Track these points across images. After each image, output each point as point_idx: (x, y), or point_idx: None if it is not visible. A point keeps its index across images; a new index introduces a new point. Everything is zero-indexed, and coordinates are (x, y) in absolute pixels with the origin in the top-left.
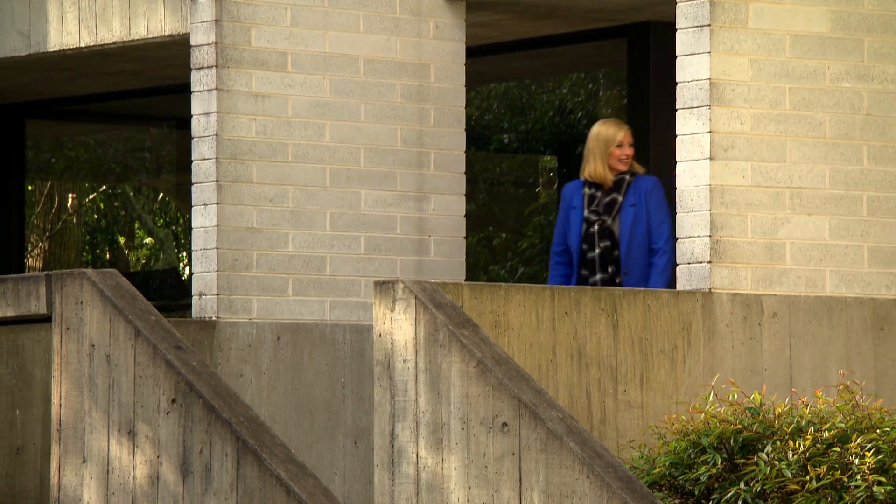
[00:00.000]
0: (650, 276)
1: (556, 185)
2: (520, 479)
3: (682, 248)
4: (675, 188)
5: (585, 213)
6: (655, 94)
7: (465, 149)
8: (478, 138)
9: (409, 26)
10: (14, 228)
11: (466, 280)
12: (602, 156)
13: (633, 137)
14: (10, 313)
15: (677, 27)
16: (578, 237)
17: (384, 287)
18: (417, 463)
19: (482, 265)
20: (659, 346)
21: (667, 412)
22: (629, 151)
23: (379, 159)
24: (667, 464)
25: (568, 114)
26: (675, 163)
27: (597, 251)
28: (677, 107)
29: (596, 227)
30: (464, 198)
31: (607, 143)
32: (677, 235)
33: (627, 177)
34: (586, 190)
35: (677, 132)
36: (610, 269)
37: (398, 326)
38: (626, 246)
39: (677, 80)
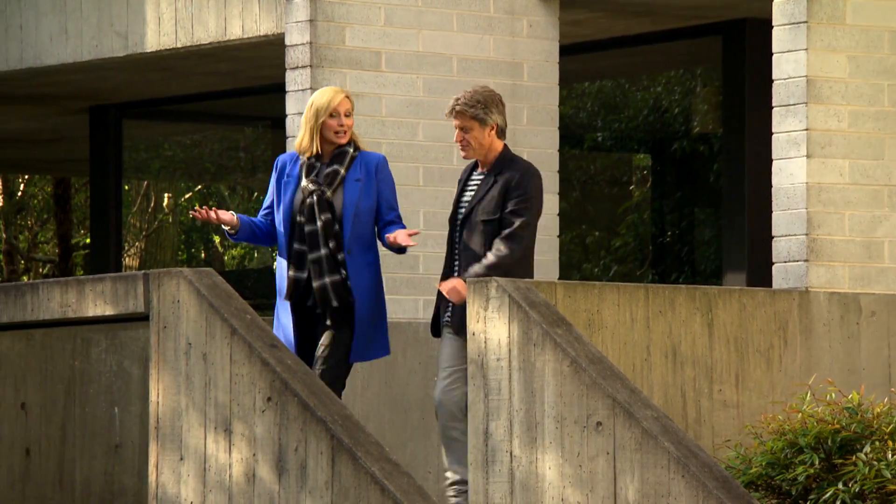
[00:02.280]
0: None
1: (649, 184)
2: (614, 479)
3: (779, 247)
4: (771, 186)
5: (303, 182)
6: (751, 92)
7: (558, 147)
8: (571, 137)
9: (503, 25)
10: (112, 228)
11: (559, 278)
12: (312, 127)
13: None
14: (108, 312)
15: (774, 24)
16: (290, 209)
17: (478, 286)
18: (511, 462)
19: (575, 263)
20: (755, 345)
21: (763, 412)
22: (347, 122)
23: None
24: (763, 464)
25: (662, 112)
26: (772, 161)
27: (318, 224)
28: (773, 104)
29: (315, 197)
30: (557, 196)
31: (318, 112)
32: (774, 234)
33: (350, 150)
34: (304, 159)
35: (773, 130)
36: (331, 245)
37: (492, 325)
38: (351, 223)
39: (773, 77)
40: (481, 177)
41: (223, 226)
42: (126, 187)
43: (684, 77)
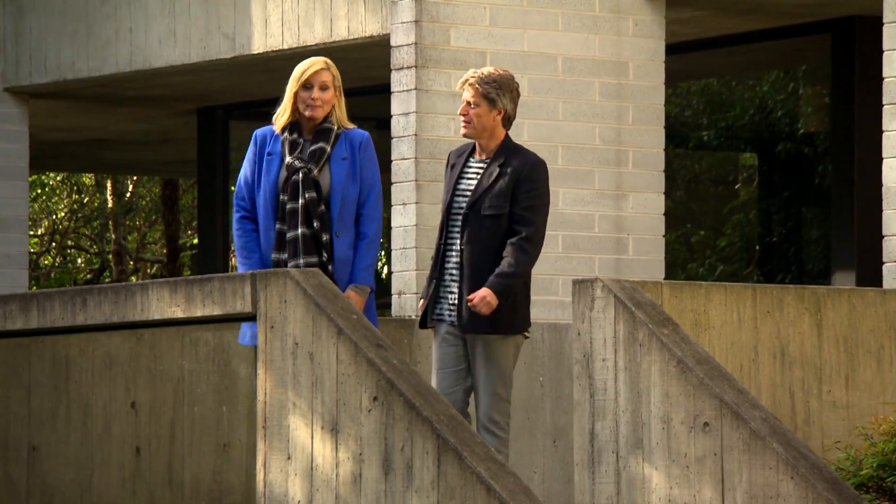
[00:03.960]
0: (358, 250)
1: (755, 183)
2: (722, 480)
3: (889, 246)
4: (881, 185)
5: (288, 159)
6: (860, 91)
7: (664, 146)
8: (676, 135)
9: (608, 24)
10: (219, 228)
11: (664, 278)
12: (288, 98)
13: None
14: (216, 312)
15: (884, 21)
16: (274, 187)
17: (583, 286)
18: (617, 462)
19: (680, 262)
20: (865, 345)
21: (874, 413)
22: (320, 95)
23: (577, 158)
24: (874, 465)
25: (769, 111)
26: (882, 159)
27: (300, 202)
28: (884, 102)
29: (300, 175)
30: (663, 196)
31: (291, 83)
32: (885, 233)
33: (335, 128)
34: (287, 136)
35: (884, 128)
36: (315, 225)
37: (597, 325)
38: (339, 205)
39: (884, 75)
40: (481, 164)
41: None
42: (233, 188)
43: (791, 75)
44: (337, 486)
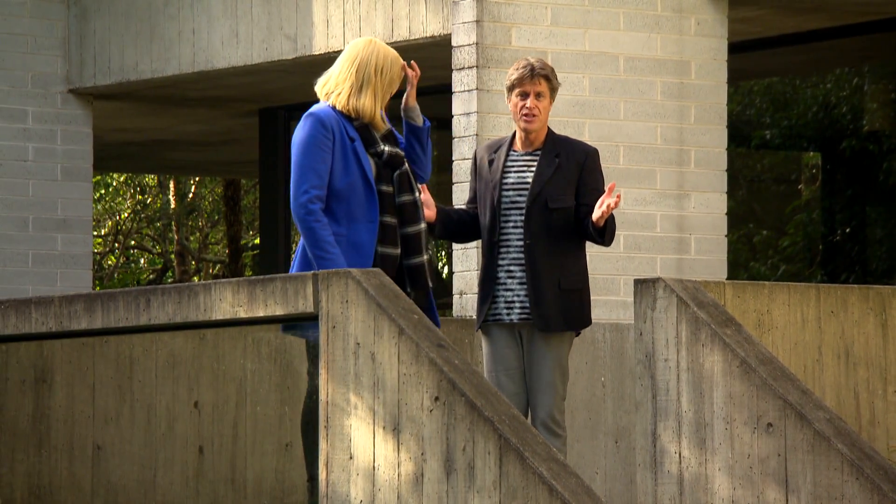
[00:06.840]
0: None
1: (818, 182)
2: (786, 481)
3: None
4: None
5: (389, 148)
6: None
7: (726, 146)
8: (738, 135)
9: (670, 23)
10: (280, 229)
11: (727, 278)
12: (383, 93)
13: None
14: (278, 312)
15: None
16: (363, 177)
17: (645, 286)
18: (680, 463)
19: (742, 262)
20: None
21: None
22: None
23: (639, 157)
24: None
25: (832, 109)
26: None
27: (416, 194)
28: None
29: (407, 166)
30: (725, 195)
31: (393, 81)
32: None
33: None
34: (363, 122)
35: None
36: (425, 221)
37: (659, 325)
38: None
39: None
40: (530, 157)
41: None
42: None
43: (855, 72)
44: (398, 485)
